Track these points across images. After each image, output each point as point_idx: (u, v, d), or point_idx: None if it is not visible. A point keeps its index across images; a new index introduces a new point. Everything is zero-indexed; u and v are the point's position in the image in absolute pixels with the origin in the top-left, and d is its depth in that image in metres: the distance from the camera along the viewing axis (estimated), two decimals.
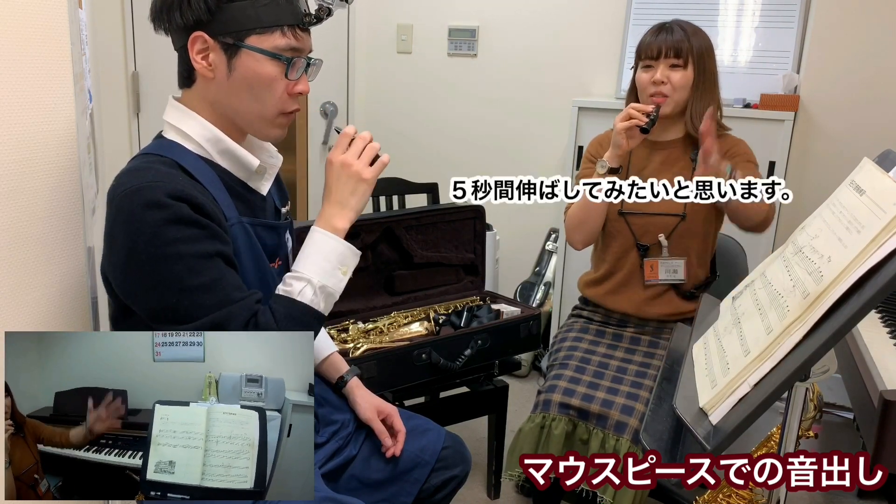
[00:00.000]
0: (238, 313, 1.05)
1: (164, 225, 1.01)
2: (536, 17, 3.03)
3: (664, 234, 1.77)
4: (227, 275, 1.07)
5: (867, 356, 1.27)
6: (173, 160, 1.09)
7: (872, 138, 2.40)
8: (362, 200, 1.18)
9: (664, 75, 1.70)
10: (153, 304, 1.04)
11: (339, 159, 1.16)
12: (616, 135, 1.68)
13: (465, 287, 2.24)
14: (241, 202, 1.17)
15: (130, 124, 2.64)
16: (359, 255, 1.19)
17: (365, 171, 1.16)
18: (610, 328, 1.89)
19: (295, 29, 1.11)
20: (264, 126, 1.16)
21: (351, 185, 1.16)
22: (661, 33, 1.72)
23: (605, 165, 1.71)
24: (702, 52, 1.71)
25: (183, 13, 1.08)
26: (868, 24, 2.40)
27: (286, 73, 1.12)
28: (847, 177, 1.02)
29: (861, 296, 0.83)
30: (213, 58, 1.10)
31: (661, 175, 1.78)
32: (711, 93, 1.75)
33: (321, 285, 1.12)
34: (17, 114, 1.09)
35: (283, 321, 1.07)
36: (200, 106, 1.14)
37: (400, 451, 1.37)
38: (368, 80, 3.47)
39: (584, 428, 1.62)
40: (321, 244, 1.14)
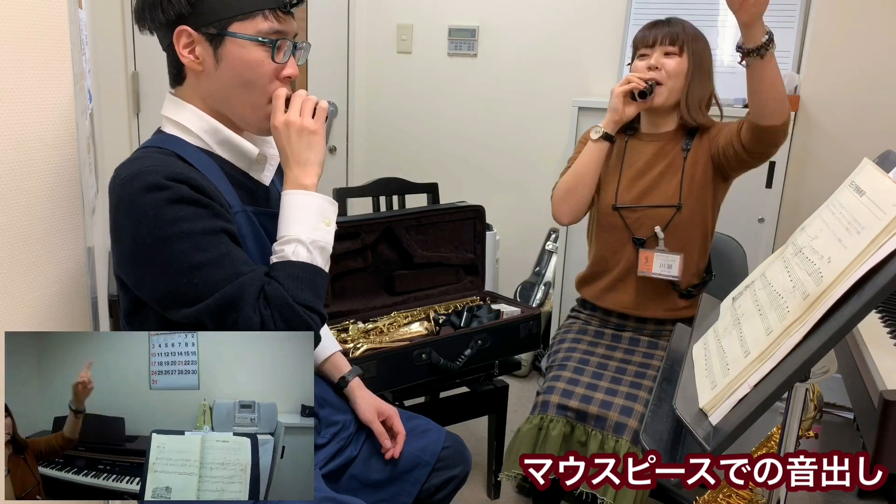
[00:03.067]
0: (249, 285, 1.04)
1: (165, 205, 1.01)
2: (536, 17, 3.03)
3: (660, 227, 1.77)
4: (234, 250, 1.07)
5: (867, 356, 1.27)
6: (173, 152, 1.10)
7: (872, 139, 2.40)
8: (320, 153, 1.15)
9: (658, 62, 1.71)
10: (164, 288, 1.04)
11: (282, 120, 1.13)
12: (614, 98, 1.72)
13: (465, 287, 2.24)
14: (244, 192, 1.17)
15: (130, 124, 2.64)
16: (336, 206, 1.17)
17: (312, 124, 1.14)
18: (609, 329, 1.88)
19: (276, 12, 1.12)
20: (256, 116, 1.16)
21: (304, 141, 1.13)
22: (656, 25, 1.75)
23: (600, 130, 1.75)
24: (697, 42, 1.73)
25: (164, 10, 1.08)
26: (868, 24, 2.40)
27: (272, 56, 1.12)
28: (847, 177, 1.02)
29: (861, 297, 0.83)
30: (199, 50, 1.10)
31: (654, 166, 1.80)
32: (706, 84, 1.76)
33: (311, 240, 1.11)
34: (17, 114, 1.09)
35: (288, 283, 1.06)
36: (194, 101, 1.15)
37: (399, 454, 1.37)
38: (368, 80, 3.47)
39: (581, 430, 1.62)
40: (297, 203, 1.12)
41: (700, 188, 1.76)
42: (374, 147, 3.54)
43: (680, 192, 1.75)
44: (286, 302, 1.05)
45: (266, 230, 1.19)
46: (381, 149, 3.51)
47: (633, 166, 1.82)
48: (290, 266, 1.08)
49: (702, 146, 1.76)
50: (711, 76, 1.78)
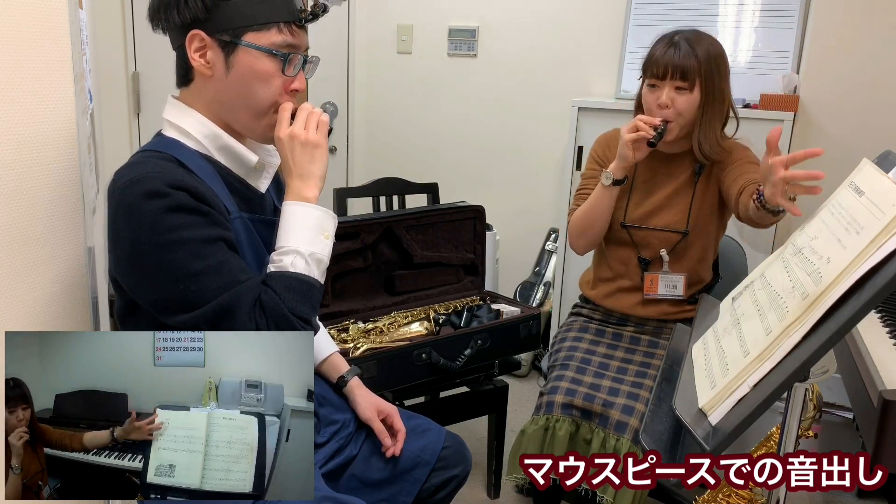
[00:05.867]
0: (245, 294, 1.05)
1: (164, 213, 1.02)
2: (536, 17, 3.03)
3: (666, 250, 1.76)
4: (231, 258, 1.07)
5: (867, 356, 1.27)
6: (172, 156, 1.10)
7: (872, 139, 2.40)
8: (323, 166, 1.16)
9: (669, 98, 1.63)
10: (160, 294, 1.04)
11: (286, 133, 1.14)
12: (622, 146, 1.65)
13: (465, 287, 2.24)
14: (240, 198, 1.18)
15: (130, 124, 2.64)
16: (336, 219, 1.17)
17: (315, 137, 1.14)
18: (609, 327, 1.88)
19: (291, 26, 1.12)
20: (259, 124, 1.16)
21: (307, 154, 1.14)
22: (668, 49, 1.64)
23: (610, 177, 1.68)
24: (710, 70, 1.63)
25: (180, 11, 1.08)
26: (868, 25, 2.40)
27: (283, 69, 1.12)
28: (846, 177, 1.02)
29: (860, 297, 0.83)
30: (210, 55, 1.10)
31: (666, 186, 1.78)
32: (720, 111, 1.68)
33: (309, 252, 1.11)
34: (17, 114, 1.09)
35: (284, 295, 1.07)
36: (198, 104, 1.15)
37: (400, 451, 1.37)
38: (368, 80, 3.47)
39: (587, 427, 1.62)
40: (297, 215, 1.13)
41: (708, 214, 1.75)
42: (374, 147, 3.54)
43: (688, 219, 1.74)
44: (282, 312, 1.06)
45: (262, 237, 1.19)
46: (381, 149, 3.51)
47: (643, 183, 1.80)
48: (288, 277, 1.09)
49: (713, 172, 1.74)
50: (725, 99, 1.69)
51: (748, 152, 1.73)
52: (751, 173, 1.62)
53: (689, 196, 1.74)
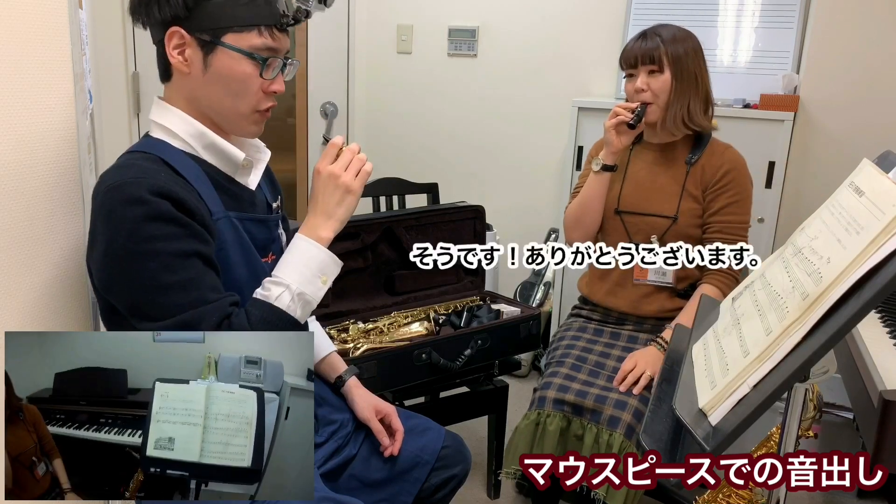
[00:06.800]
0: (210, 314, 1.04)
1: (142, 221, 1.01)
2: (536, 17, 3.03)
3: (656, 235, 1.80)
4: (204, 275, 1.06)
5: (867, 356, 1.27)
6: (158, 157, 1.10)
7: (872, 139, 2.40)
8: (348, 211, 1.17)
9: (644, 83, 1.75)
10: (128, 299, 1.05)
11: (327, 170, 1.15)
12: (606, 133, 1.77)
13: (465, 287, 2.24)
14: (228, 197, 1.17)
15: (130, 124, 2.64)
16: (340, 266, 1.18)
17: (353, 183, 1.16)
18: (608, 326, 1.90)
19: (272, 29, 1.12)
20: (239, 123, 1.17)
21: (338, 195, 1.16)
22: (638, 41, 1.77)
23: (600, 163, 1.80)
24: (678, 54, 1.73)
25: (161, 8, 1.08)
26: (867, 25, 2.40)
27: (261, 72, 1.12)
28: (846, 177, 1.02)
29: (860, 297, 0.83)
30: (189, 53, 1.10)
31: (659, 175, 1.83)
32: (689, 93, 1.74)
33: (299, 292, 1.11)
34: (17, 114, 1.09)
35: (257, 324, 1.06)
36: (179, 102, 1.15)
37: (398, 451, 1.37)
38: (368, 81, 3.47)
39: (578, 423, 1.64)
40: (304, 252, 1.14)
41: (697, 202, 1.80)
42: (373, 147, 3.54)
43: (678, 205, 1.79)
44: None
45: (251, 235, 1.19)
46: (380, 149, 3.51)
47: (636, 173, 1.86)
48: (269, 310, 1.08)
49: (705, 171, 1.78)
50: (698, 84, 1.75)
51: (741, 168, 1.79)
52: (729, 215, 1.75)
53: (681, 184, 1.79)
